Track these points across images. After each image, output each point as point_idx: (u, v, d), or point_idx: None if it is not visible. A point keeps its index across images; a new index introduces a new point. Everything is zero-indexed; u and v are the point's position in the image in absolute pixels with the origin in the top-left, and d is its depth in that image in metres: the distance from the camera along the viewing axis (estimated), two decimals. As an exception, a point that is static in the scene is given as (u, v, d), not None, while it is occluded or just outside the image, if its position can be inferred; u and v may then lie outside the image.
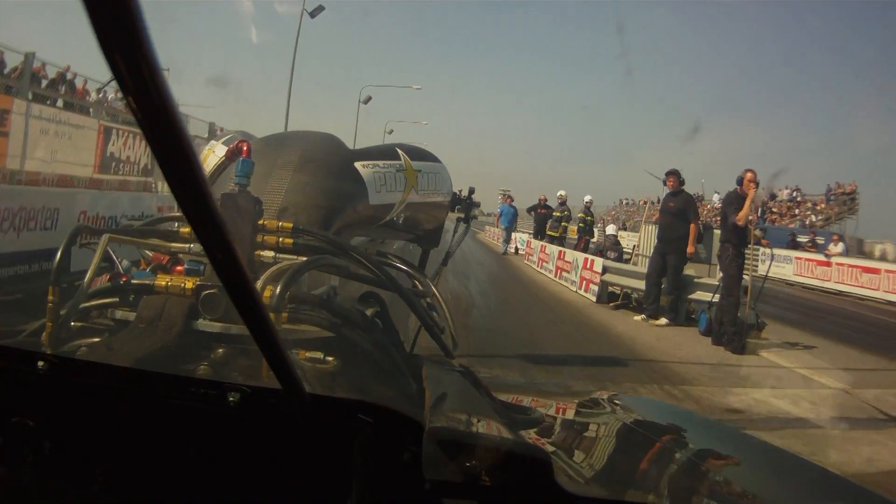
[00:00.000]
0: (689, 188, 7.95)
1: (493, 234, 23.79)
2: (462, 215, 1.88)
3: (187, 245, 1.07)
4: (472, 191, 1.86)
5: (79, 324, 0.99)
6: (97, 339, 0.96)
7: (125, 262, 1.08)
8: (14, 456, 0.62)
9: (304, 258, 1.06)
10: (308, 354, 0.95)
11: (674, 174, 7.13)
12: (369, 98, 28.05)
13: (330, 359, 0.95)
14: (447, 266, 1.96)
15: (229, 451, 0.64)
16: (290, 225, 1.11)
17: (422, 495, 0.61)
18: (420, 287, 1.34)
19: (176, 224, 1.12)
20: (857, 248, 19.83)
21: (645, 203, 34.02)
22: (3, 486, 0.63)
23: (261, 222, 1.10)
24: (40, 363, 0.62)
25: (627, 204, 38.51)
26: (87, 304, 1.00)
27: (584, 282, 9.10)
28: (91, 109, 11.64)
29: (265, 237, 1.09)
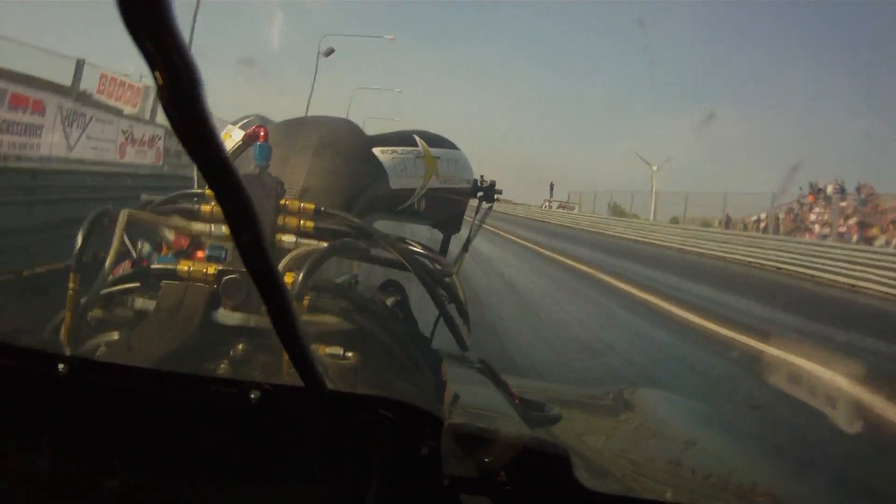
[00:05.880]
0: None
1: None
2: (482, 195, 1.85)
3: (209, 226, 1.05)
4: (493, 183, 1.85)
5: (99, 313, 0.99)
6: (116, 337, 0.95)
7: (147, 247, 1.08)
8: (31, 453, 0.63)
9: (325, 243, 1.05)
10: (329, 350, 0.94)
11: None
12: (331, 50, 22.76)
13: (350, 354, 0.94)
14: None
15: (249, 447, 0.64)
16: (312, 206, 1.09)
17: (440, 491, 0.61)
18: (441, 268, 1.32)
19: (195, 202, 1.10)
20: None
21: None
22: (20, 482, 0.63)
23: (282, 202, 1.08)
24: (60, 366, 0.62)
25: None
26: (108, 291, 0.99)
27: None
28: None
29: (286, 219, 1.07)
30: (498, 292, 7.99)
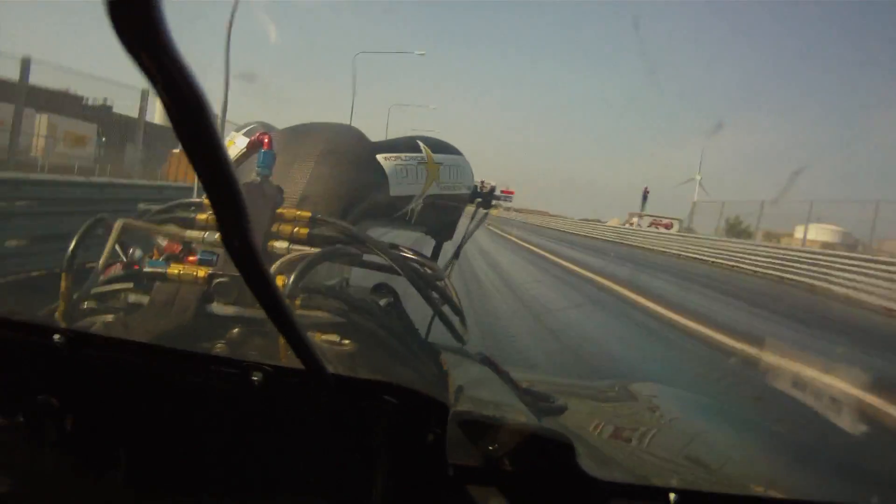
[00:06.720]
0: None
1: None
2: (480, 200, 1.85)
3: (203, 233, 1.06)
4: (493, 188, 1.85)
5: (93, 303, 0.99)
6: (112, 318, 0.95)
7: (138, 252, 1.06)
8: (37, 434, 0.62)
9: (317, 249, 1.05)
10: (325, 337, 0.94)
11: None
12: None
13: (347, 341, 0.94)
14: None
15: (253, 431, 0.64)
16: (308, 214, 1.10)
17: (445, 479, 0.61)
18: (432, 272, 1.33)
19: (192, 211, 1.11)
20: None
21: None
22: (27, 466, 0.62)
23: (278, 211, 1.10)
24: (56, 336, 0.60)
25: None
26: (100, 289, 0.99)
27: None
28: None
29: (280, 226, 1.08)
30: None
